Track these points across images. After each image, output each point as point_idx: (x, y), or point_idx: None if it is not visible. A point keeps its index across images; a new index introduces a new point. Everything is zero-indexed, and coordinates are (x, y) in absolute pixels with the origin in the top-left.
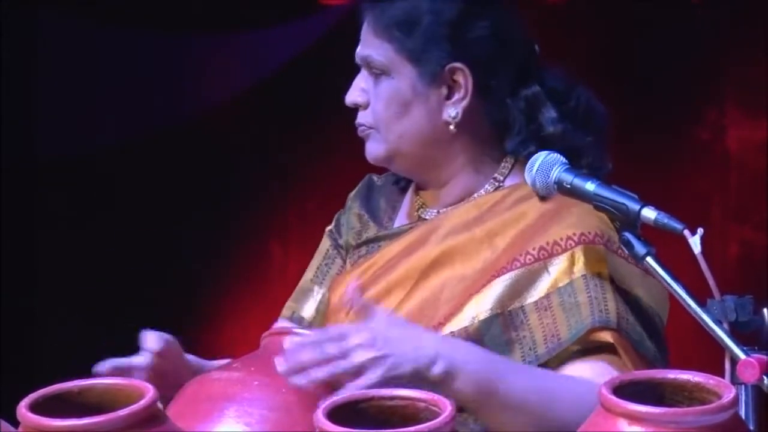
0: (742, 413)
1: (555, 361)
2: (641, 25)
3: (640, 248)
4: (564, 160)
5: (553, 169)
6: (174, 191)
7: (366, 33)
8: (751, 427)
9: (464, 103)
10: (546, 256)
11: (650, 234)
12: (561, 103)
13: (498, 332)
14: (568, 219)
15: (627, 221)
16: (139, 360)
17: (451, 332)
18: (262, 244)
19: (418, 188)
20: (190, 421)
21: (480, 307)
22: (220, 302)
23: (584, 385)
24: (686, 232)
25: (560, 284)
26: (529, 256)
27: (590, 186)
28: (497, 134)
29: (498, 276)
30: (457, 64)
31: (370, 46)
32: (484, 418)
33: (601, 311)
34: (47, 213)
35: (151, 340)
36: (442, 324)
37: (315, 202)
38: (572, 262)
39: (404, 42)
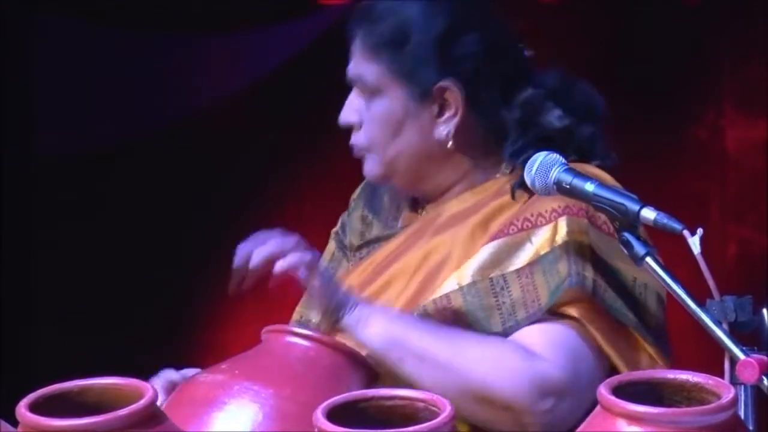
0: (742, 414)
1: None
2: (641, 26)
3: (639, 249)
4: (563, 160)
5: (552, 170)
6: (172, 191)
7: (356, 52)
8: (751, 428)
9: (455, 120)
10: (530, 226)
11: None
12: (562, 101)
13: (478, 298)
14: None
15: (626, 222)
16: None
17: (433, 300)
18: None
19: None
20: (178, 424)
21: (462, 275)
22: (218, 302)
23: (503, 343)
24: (686, 233)
25: (542, 252)
26: (513, 227)
27: (589, 186)
28: (495, 142)
29: (483, 246)
30: (446, 83)
31: (361, 66)
32: (392, 368)
33: (579, 274)
34: (46, 213)
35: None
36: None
37: (313, 202)
38: (555, 232)
39: (393, 61)
